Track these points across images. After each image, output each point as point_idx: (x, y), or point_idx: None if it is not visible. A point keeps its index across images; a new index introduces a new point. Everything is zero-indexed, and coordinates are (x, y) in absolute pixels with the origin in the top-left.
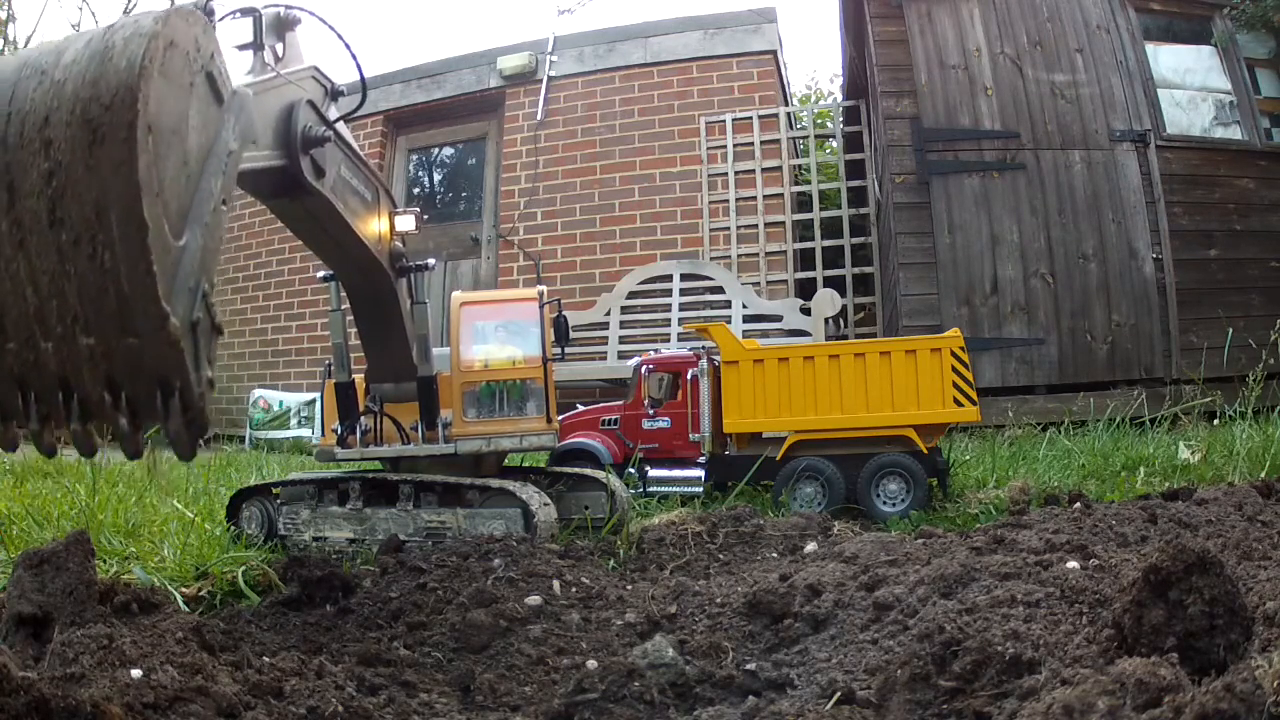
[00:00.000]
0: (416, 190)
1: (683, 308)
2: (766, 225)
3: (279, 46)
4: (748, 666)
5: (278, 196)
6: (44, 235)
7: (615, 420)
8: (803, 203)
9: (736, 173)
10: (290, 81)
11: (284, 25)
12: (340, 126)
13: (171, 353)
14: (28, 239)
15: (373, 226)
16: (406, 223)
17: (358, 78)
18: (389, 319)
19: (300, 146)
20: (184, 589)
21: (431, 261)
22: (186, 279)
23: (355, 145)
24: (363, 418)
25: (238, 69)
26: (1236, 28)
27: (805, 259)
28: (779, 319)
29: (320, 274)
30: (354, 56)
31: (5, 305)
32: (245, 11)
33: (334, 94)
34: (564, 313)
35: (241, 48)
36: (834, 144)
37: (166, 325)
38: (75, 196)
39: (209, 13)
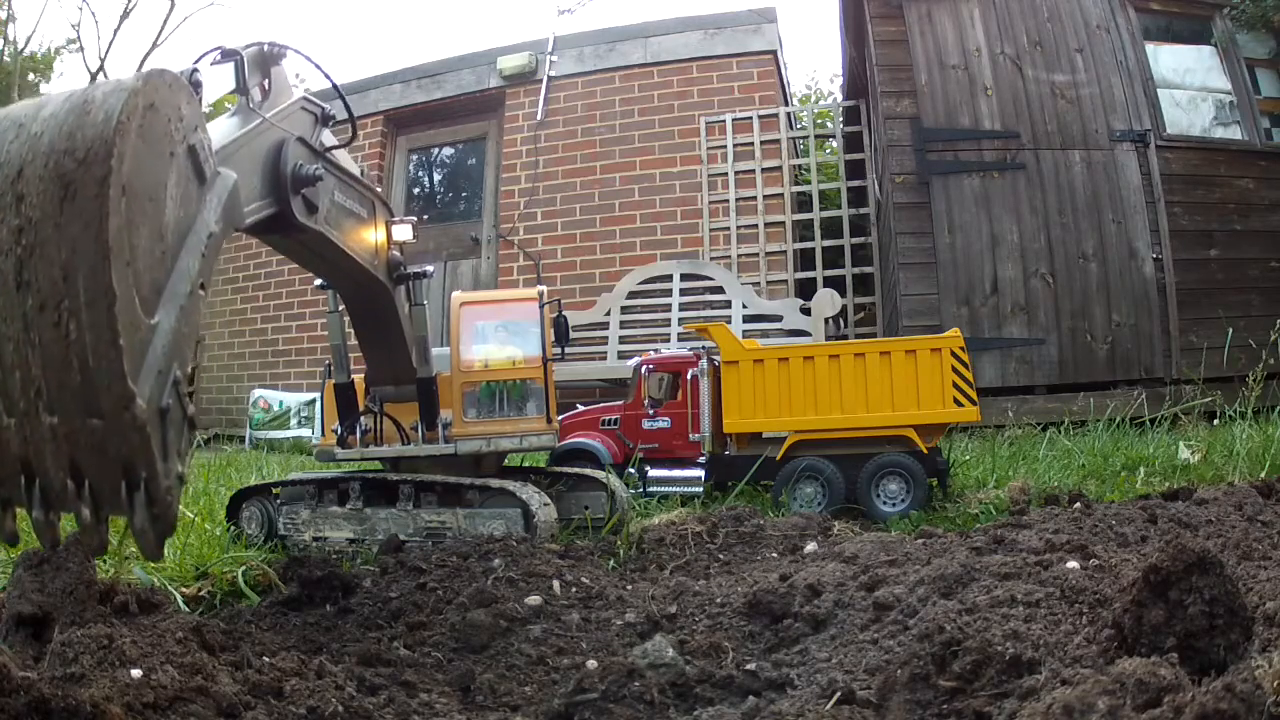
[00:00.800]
0: (416, 190)
1: (683, 308)
2: (766, 225)
3: (265, 82)
4: (748, 666)
5: (269, 234)
6: (10, 298)
7: (615, 420)
8: (803, 203)
9: (736, 173)
10: (275, 125)
11: (268, 60)
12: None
13: (137, 438)
14: None
15: (369, 241)
16: (404, 232)
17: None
18: (387, 326)
19: (291, 187)
20: (184, 589)
21: (430, 269)
22: (157, 361)
23: (349, 164)
24: (363, 418)
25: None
26: (1236, 28)
27: (805, 259)
28: (779, 319)
29: (318, 281)
30: (341, 95)
31: None
32: (227, 54)
33: (324, 119)
34: (564, 313)
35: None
36: (834, 144)
37: (132, 406)
38: (44, 257)
39: (195, 84)
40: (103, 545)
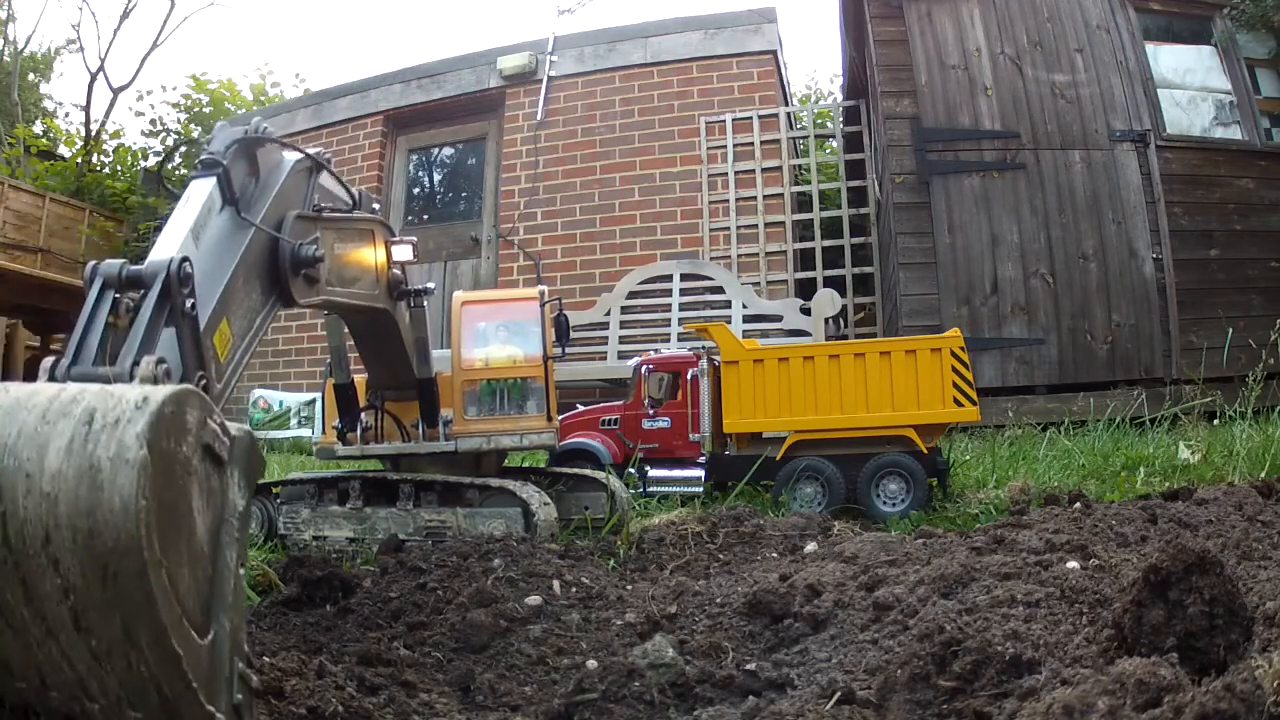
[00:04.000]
0: (416, 190)
1: (683, 308)
2: (766, 225)
3: (253, 170)
4: (748, 666)
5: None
6: (72, 635)
7: (615, 420)
8: (803, 203)
9: (736, 173)
10: (266, 230)
11: (251, 148)
12: (331, 184)
13: None
14: (55, 631)
15: (370, 275)
16: (404, 253)
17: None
18: (388, 341)
19: (290, 269)
20: None
21: (431, 285)
22: (223, 669)
23: (346, 199)
24: (363, 415)
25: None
26: (1236, 28)
27: (805, 259)
28: (779, 319)
29: None
30: (347, 188)
31: (46, 671)
32: (207, 166)
33: (319, 166)
34: (564, 312)
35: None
36: (834, 144)
37: None
38: (98, 615)
39: (185, 277)
40: None
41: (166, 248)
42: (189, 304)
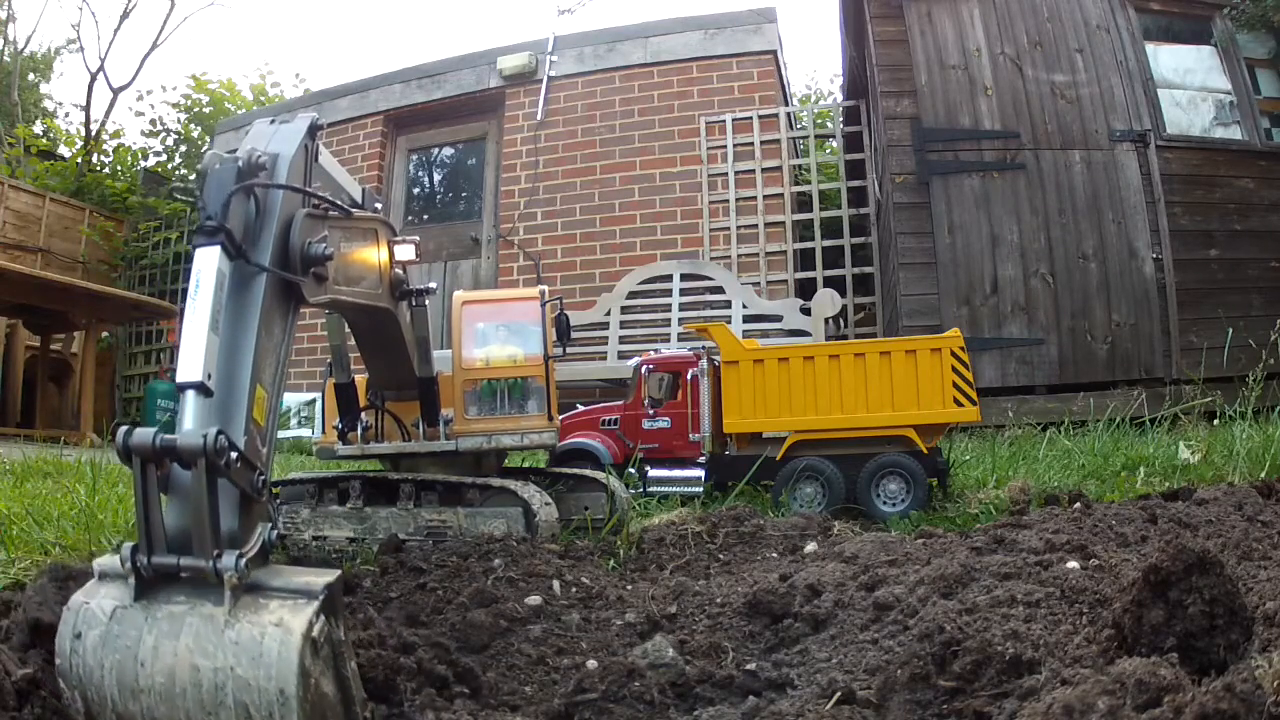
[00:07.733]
0: (416, 190)
1: (683, 308)
2: (766, 225)
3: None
4: (748, 666)
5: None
6: None
7: (615, 420)
8: (803, 203)
9: (736, 173)
10: (278, 273)
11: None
12: (329, 166)
13: None
14: None
15: (373, 275)
16: (406, 252)
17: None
18: (389, 341)
19: (300, 269)
20: None
21: (433, 285)
22: None
23: (353, 188)
24: (364, 414)
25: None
26: (1236, 28)
27: (805, 259)
28: (779, 319)
29: None
30: (338, 202)
31: None
32: (208, 233)
33: (314, 130)
34: (565, 311)
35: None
36: (834, 144)
37: None
38: None
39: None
40: None
41: (192, 366)
42: (234, 457)
